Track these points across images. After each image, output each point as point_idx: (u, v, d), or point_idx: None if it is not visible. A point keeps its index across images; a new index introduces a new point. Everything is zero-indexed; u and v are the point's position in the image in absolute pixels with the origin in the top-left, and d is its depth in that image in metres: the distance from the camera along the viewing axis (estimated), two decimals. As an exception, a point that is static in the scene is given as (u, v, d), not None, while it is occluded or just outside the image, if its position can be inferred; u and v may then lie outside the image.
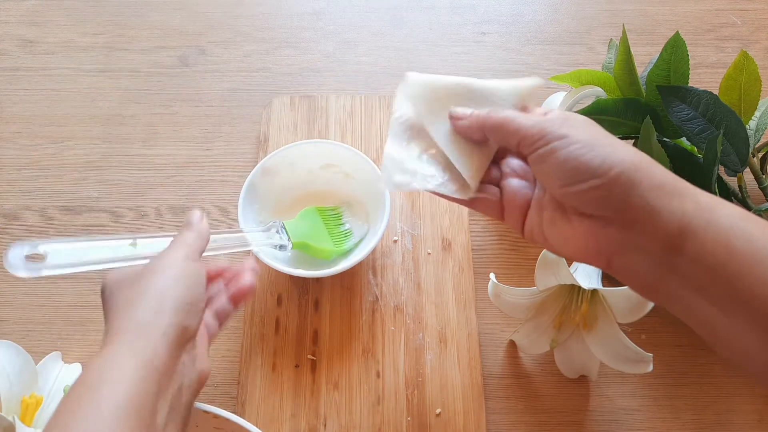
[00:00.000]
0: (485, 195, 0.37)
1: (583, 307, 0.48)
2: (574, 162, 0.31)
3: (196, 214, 0.39)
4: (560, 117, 0.33)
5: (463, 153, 0.37)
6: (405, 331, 0.53)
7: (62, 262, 0.35)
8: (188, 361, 0.33)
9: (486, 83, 0.39)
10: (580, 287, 0.47)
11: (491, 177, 0.38)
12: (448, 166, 0.38)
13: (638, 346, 0.46)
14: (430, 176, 0.38)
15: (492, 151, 0.38)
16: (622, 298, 0.45)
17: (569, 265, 0.46)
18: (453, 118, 0.37)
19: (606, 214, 0.31)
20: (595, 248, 0.32)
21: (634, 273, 0.31)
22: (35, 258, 0.34)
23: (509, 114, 0.35)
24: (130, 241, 0.38)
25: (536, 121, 0.33)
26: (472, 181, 0.37)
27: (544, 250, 0.46)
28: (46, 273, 0.34)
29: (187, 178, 0.61)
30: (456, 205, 0.59)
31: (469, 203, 0.38)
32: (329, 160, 0.56)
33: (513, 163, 0.38)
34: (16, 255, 0.34)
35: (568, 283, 0.46)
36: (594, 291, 0.47)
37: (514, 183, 0.36)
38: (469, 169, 0.37)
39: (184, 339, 0.33)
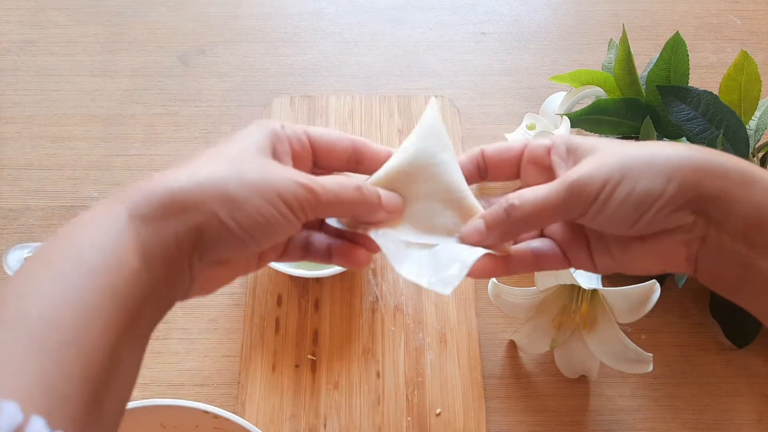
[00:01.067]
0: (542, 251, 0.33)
1: (583, 307, 0.48)
2: (628, 202, 0.28)
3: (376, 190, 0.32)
4: (581, 170, 0.29)
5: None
6: (405, 331, 0.53)
7: None
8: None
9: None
10: (580, 287, 0.47)
11: (533, 233, 0.34)
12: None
13: (638, 346, 0.46)
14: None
15: None
16: (622, 298, 0.45)
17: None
18: (466, 239, 0.32)
19: (687, 221, 0.28)
20: (681, 257, 0.29)
21: (717, 276, 0.29)
22: None
23: (529, 202, 0.30)
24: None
25: (565, 192, 0.29)
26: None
27: None
28: None
29: (187, 178, 0.61)
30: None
31: (538, 267, 0.33)
32: (329, 160, 0.56)
33: None
34: (16, 257, 0.34)
35: (568, 283, 0.46)
36: (594, 291, 0.47)
37: (558, 226, 0.33)
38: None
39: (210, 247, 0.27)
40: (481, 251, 0.31)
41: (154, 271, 0.26)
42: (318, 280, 0.55)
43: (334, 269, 0.50)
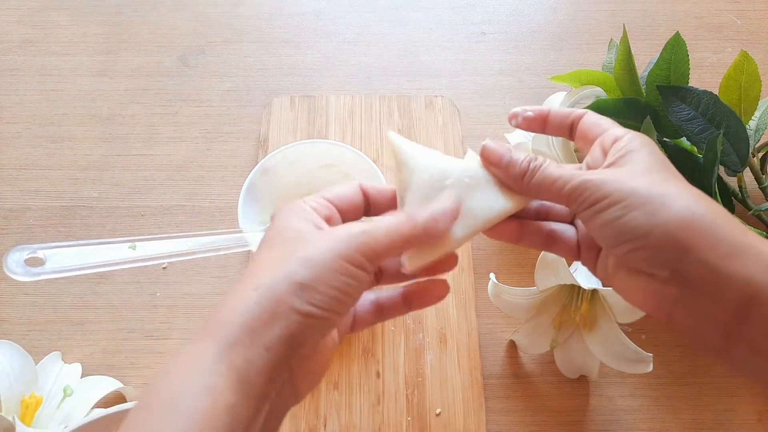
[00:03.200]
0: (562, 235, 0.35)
1: (583, 306, 0.48)
2: (614, 225, 0.29)
3: (447, 206, 0.31)
4: (601, 175, 0.30)
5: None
6: (405, 331, 0.53)
7: (61, 265, 0.35)
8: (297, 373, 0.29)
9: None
10: (580, 287, 0.47)
11: (565, 218, 0.36)
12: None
13: (638, 346, 0.46)
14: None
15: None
16: (622, 298, 0.45)
17: (569, 265, 0.46)
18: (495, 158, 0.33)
19: (661, 273, 0.28)
20: (654, 305, 0.30)
21: (698, 336, 0.29)
22: (34, 262, 0.34)
23: (547, 173, 0.31)
24: (129, 243, 0.38)
25: (576, 184, 0.30)
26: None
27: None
28: (45, 277, 0.34)
29: (187, 178, 0.61)
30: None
31: (547, 246, 0.35)
32: (329, 160, 0.56)
33: None
34: (16, 259, 0.34)
35: (568, 283, 0.46)
36: (594, 291, 0.47)
37: None
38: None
39: (300, 343, 0.27)
40: (505, 204, 0.33)
41: (254, 392, 0.26)
42: (318, 280, 0.55)
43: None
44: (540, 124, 0.35)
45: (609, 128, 0.33)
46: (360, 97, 0.66)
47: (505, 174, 0.33)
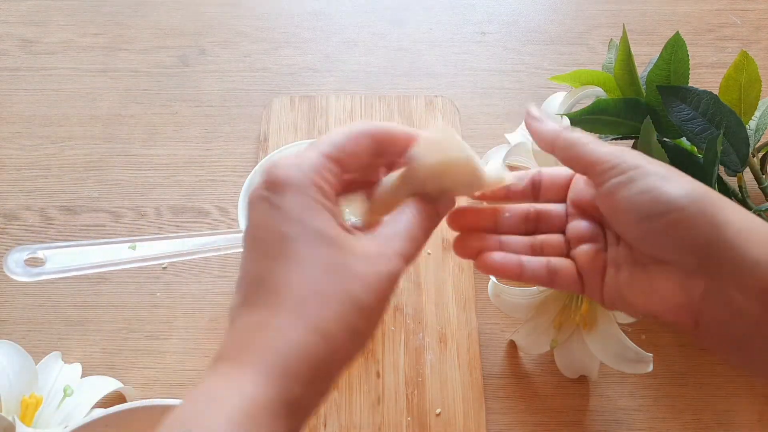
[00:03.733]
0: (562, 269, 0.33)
1: (583, 307, 0.48)
2: (652, 193, 0.27)
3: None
4: (633, 151, 0.30)
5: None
6: (405, 331, 0.53)
7: (61, 266, 0.35)
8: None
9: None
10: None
11: (560, 251, 0.34)
12: None
13: (638, 346, 0.46)
14: None
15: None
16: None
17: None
18: (529, 116, 0.33)
19: (689, 260, 0.27)
20: (679, 302, 0.28)
21: (725, 333, 0.27)
22: (34, 262, 0.34)
23: (582, 136, 0.31)
24: (129, 243, 0.38)
25: (610, 149, 0.29)
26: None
27: None
28: (45, 277, 0.34)
29: (187, 178, 0.61)
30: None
31: (550, 283, 0.33)
32: (329, 160, 0.56)
33: (578, 227, 0.34)
34: (16, 260, 0.34)
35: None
36: None
37: (585, 248, 0.33)
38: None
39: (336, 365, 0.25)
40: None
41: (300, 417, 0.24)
42: (318, 280, 0.55)
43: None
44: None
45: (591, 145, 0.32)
46: (360, 97, 0.66)
47: (545, 131, 0.32)
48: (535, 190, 0.35)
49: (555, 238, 0.34)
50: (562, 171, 0.34)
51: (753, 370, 0.29)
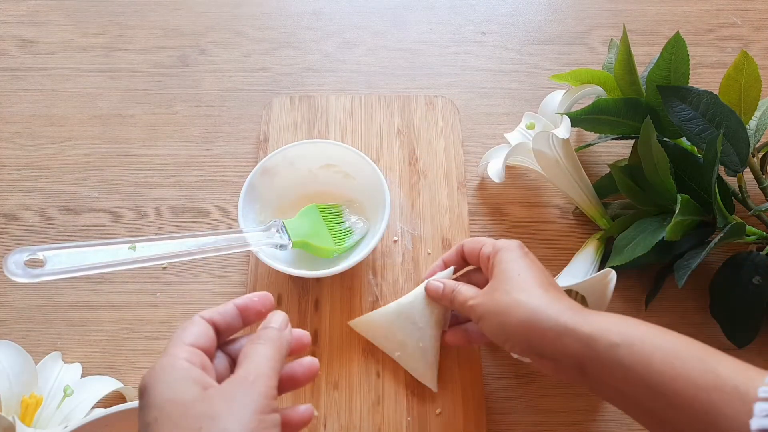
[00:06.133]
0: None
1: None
2: (489, 334, 0.42)
3: (280, 318, 0.35)
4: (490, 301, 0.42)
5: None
6: (405, 331, 0.53)
7: (61, 267, 0.35)
8: None
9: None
10: (571, 289, 0.48)
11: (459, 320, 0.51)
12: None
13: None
14: None
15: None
16: (588, 290, 0.48)
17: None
18: (429, 289, 0.49)
19: (531, 357, 0.41)
20: (550, 370, 0.40)
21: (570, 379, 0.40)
22: (35, 263, 0.34)
23: (459, 296, 0.45)
24: (129, 244, 0.38)
25: (467, 307, 0.44)
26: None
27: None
28: (45, 278, 0.34)
29: (187, 178, 0.61)
30: (456, 205, 0.59)
31: (467, 340, 0.49)
32: (329, 159, 0.56)
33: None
34: (16, 261, 0.34)
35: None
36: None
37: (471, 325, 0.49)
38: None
39: None
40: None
41: None
42: (318, 280, 0.55)
43: (334, 269, 0.50)
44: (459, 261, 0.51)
45: (482, 246, 0.47)
46: (360, 97, 0.66)
47: (442, 299, 0.48)
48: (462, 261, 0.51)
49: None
50: (474, 246, 0.48)
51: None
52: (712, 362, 0.33)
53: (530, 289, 0.41)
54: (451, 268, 0.50)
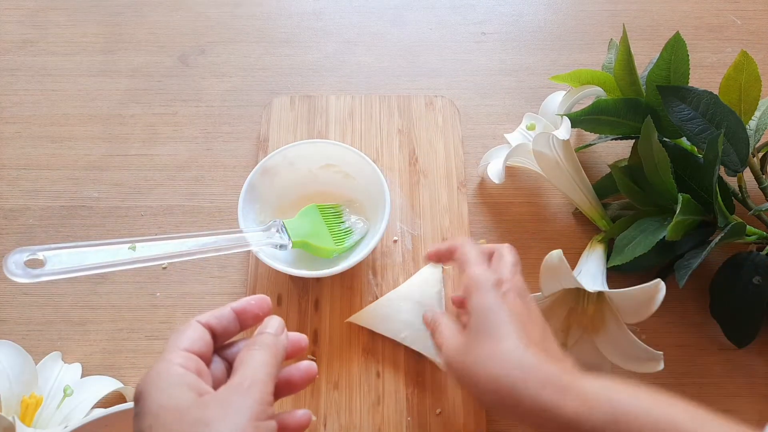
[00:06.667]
0: None
1: (590, 309, 0.48)
2: (459, 384, 0.42)
3: (276, 323, 0.35)
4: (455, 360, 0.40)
5: None
6: (405, 331, 0.53)
7: (61, 267, 0.35)
8: None
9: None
10: (585, 290, 0.47)
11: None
12: None
13: (639, 346, 0.46)
14: None
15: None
16: (628, 299, 0.45)
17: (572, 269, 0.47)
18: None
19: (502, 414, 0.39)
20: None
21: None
22: (34, 263, 0.34)
23: (437, 337, 0.44)
24: (129, 244, 0.38)
25: (443, 357, 0.42)
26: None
27: (547, 256, 0.46)
28: (45, 279, 0.34)
29: (187, 178, 0.61)
30: (456, 205, 0.59)
31: None
32: (329, 159, 0.56)
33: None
34: (16, 261, 0.34)
35: (573, 286, 0.46)
36: (600, 293, 0.47)
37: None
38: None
39: None
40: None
41: None
42: (318, 280, 0.55)
43: (334, 269, 0.50)
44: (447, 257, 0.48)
45: (466, 269, 0.43)
46: (360, 97, 0.66)
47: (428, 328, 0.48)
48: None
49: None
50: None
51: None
52: None
53: (509, 354, 0.37)
54: (440, 267, 0.51)
